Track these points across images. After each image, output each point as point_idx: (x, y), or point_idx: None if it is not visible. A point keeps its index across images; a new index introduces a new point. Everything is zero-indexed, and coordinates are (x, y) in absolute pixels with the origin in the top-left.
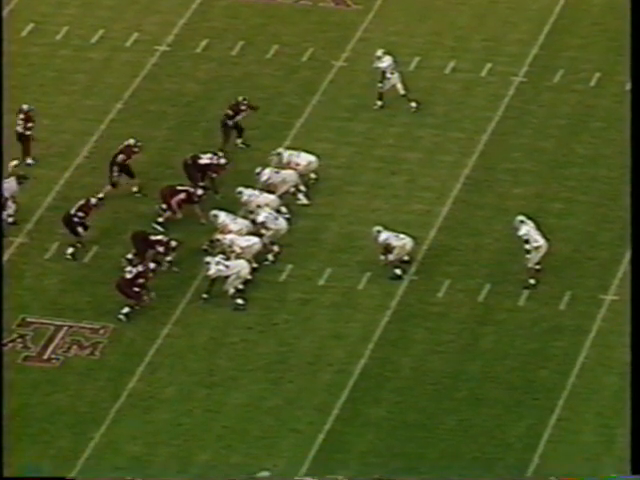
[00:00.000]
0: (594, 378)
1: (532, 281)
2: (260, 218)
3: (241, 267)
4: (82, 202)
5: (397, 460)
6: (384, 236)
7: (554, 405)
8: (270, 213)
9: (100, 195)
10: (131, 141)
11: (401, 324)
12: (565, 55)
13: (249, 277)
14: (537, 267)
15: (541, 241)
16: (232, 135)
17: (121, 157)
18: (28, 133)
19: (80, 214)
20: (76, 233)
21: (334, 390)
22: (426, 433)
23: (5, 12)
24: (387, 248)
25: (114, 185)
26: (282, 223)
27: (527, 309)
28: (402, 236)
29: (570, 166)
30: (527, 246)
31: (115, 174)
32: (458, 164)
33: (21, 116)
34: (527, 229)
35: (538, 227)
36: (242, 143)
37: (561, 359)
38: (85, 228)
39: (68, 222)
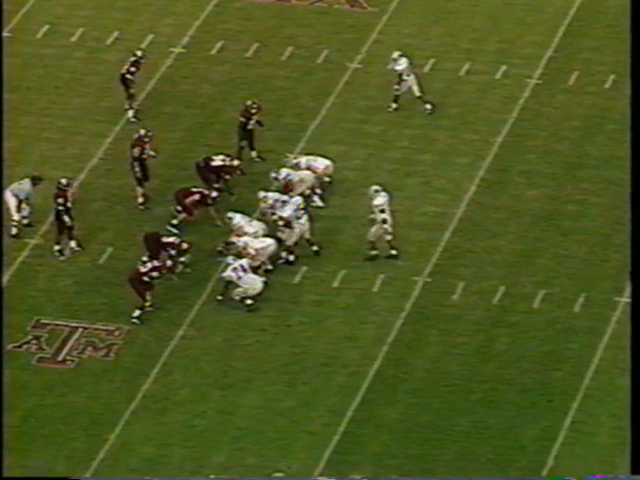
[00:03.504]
0: (608, 380)
1: (374, 252)
2: (285, 214)
3: (252, 286)
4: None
5: (411, 462)
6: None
7: (568, 407)
8: (295, 209)
9: (140, 200)
10: (142, 131)
11: (415, 326)
12: (580, 57)
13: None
14: (389, 237)
15: (389, 217)
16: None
17: (136, 150)
18: (129, 77)
19: (60, 200)
20: (63, 222)
21: (348, 392)
22: (440, 435)
23: (20, 14)
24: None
25: (140, 183)
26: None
27: (541, 311)
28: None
29: (584, 168)
30: (383, 215)
31: (137, 170)
32: (473, 166)
33: (132, 59)
34: (383, 200)
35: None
36: (258, 157)
37: (575, 361)
38: (70, 217)
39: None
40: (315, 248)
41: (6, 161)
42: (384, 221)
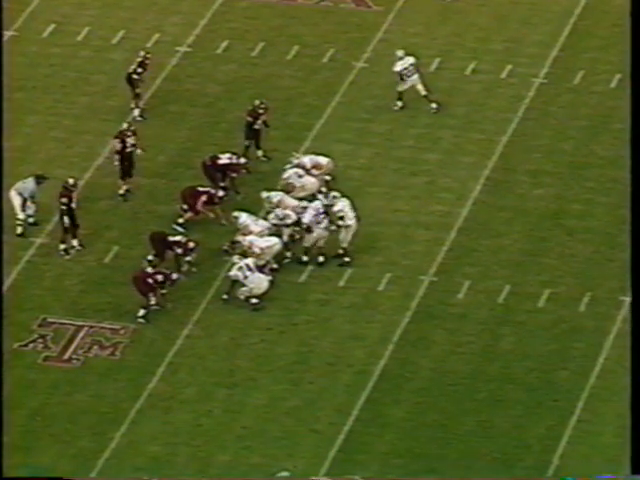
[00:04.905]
0: (614, 379)
1: (347, 259)
2: (305, 219)
3: (258, 285)
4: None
5: (417, 461)
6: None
7: (574, 406)
8: (315, 215)
9: (121, 191)
10: (124, 125)
11: (421, 325)
12: (585, 56)
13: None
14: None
15: (353, 220)
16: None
17: (117, 145)
18: (135, 76)
19: (64, 200)
20: (63, 222)
21: (354, 391)
22: (446, 434)
23: (26, 13)
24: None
25: (122, 177)
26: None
27: (547, 310)
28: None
29: (590, 167)
30: (340, 222)
31: (116, 163)
32: (478, 165)
33: (139, 58)
34: (343, 205)
35: (353, 206)
36: (263, 156)
37: (581, 360)
38: (72, 218)
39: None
40: (321, 259)
41: (12, 160)
42: (338, 226)
